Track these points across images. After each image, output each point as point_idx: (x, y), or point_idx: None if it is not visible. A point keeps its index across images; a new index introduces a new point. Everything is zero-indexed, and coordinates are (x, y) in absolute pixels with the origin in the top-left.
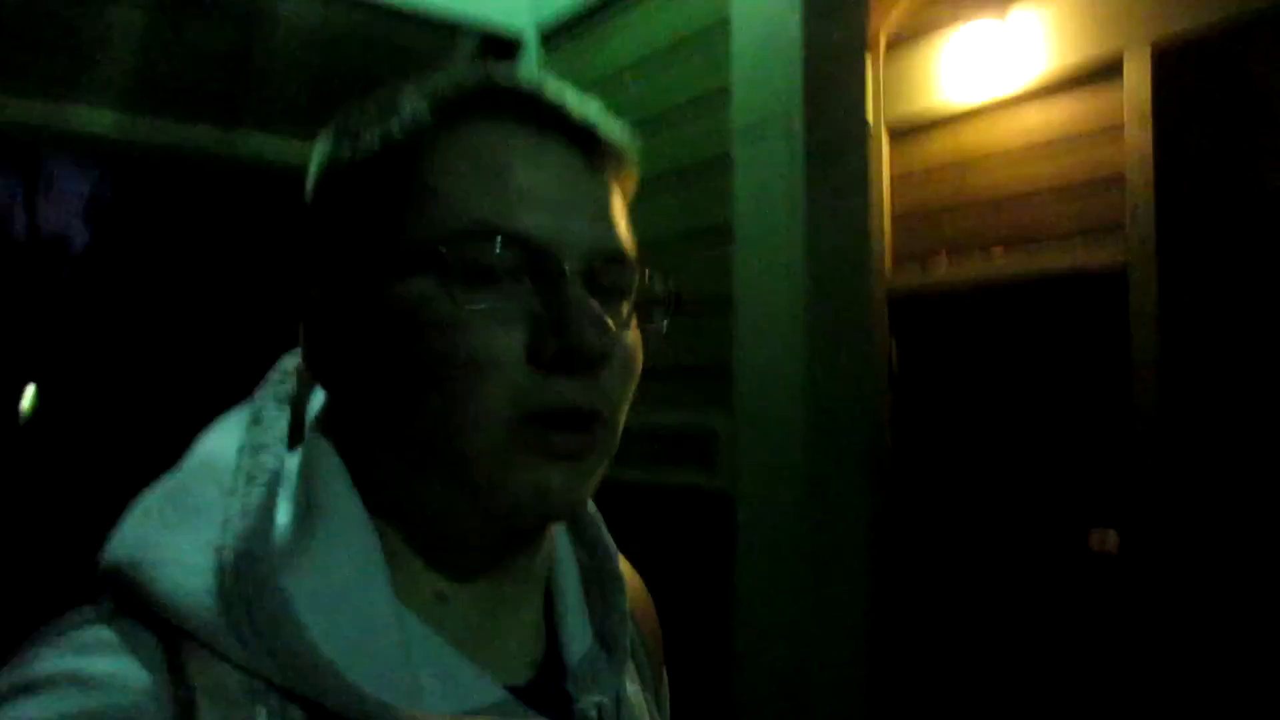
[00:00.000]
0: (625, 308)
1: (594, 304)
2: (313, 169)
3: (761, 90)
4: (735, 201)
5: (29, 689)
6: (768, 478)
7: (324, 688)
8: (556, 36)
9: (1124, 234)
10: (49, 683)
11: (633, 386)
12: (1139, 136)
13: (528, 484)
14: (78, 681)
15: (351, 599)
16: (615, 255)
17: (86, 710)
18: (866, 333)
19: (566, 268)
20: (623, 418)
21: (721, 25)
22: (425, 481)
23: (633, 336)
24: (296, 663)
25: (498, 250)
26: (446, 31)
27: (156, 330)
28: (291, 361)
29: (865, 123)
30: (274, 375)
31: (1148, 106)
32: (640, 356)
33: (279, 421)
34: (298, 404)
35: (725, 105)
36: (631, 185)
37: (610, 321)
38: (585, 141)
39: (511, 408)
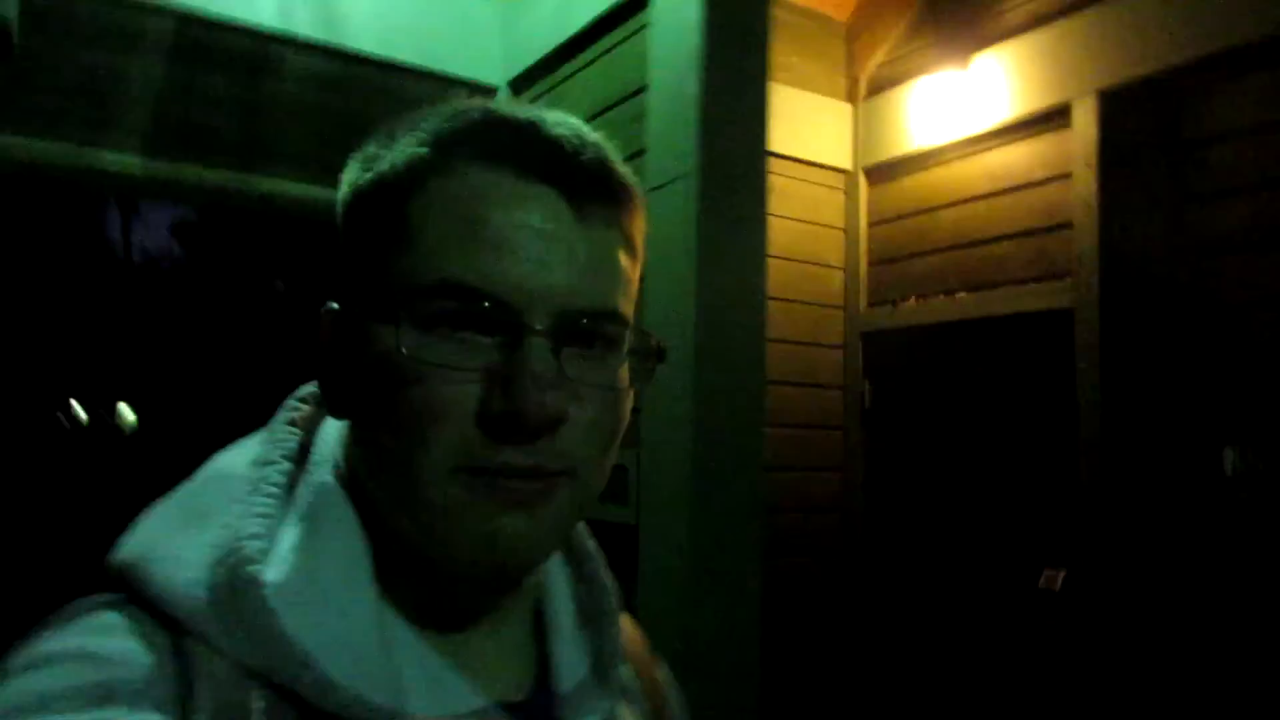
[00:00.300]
0: (610, 360)
1: (551, 365)
2: (338, 195)
3: (668, 152)
4: (646, 257)
5: (39, 664)
6: (663, 509)
7: (298, 677)
8: (522, 91)
9: (1072, 278)
10: (59, 658)
11: (610, 440)
12: (1086, 182)
13: (480, 533)
14: (86, 657)
15: (335, 598)
16: (595, 310)
17: (95, 682)
18: (758, 377)
19: (531, 325)
20: (599, 470)
21: (642, 90)
22: (397, 517)
23: (613, 390)
24: (273, 651)
25: (463, 306)
26: (437, 82)
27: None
28: (309, 388)
29: (764, 182)
30: (291, 400)
31: (1094, 153)
32: (623, 409)
33: (289, 441)
34: (311, 426)
35: (643, 165)
36: (637, 224)
37: (581, 380)
38: (576, 187)
39: (457, 464)
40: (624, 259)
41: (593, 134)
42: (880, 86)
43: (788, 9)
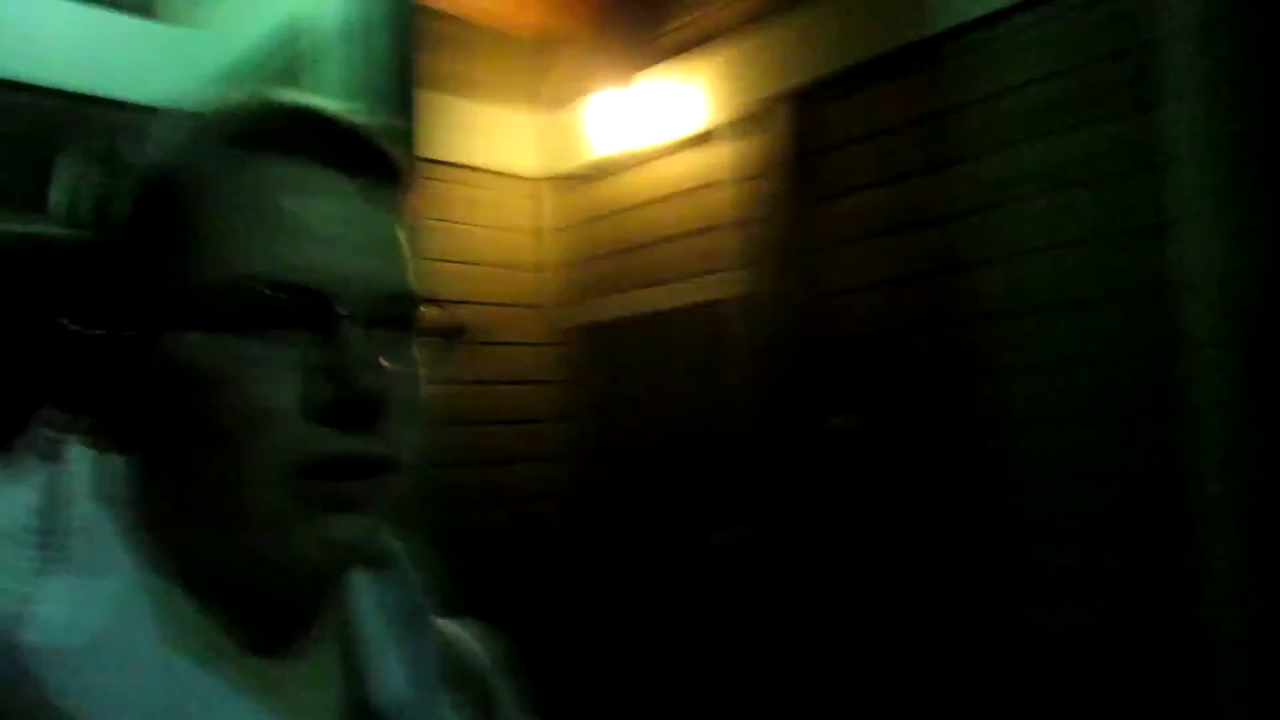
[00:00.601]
0: (411, 341)
1: (373, 348)
2: (85, 199)
3: None
4: None
5: None
6: None
7: None
8: None
9: (726, 273)
10: None
11: (422, 426)
12: (735, 189)
13: (312, 537)
14: None
15: (112, 653)
16: (398, 292)
17: None
18: None
19: (342, 311)
20: (416, 455)
21: None
22: (208, 537)
23: (418, 372)
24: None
25: (269, 299)
26: (129, 110)
27: None
28: (52, 413)
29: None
30: (35, 429)
31: (741, 164)
32: (424, 391)
33: (38, 476)
34: (62, 457)
35: None
36: (409, 205)
37: (391, 363)
38: (364, 170)
39: (290, 461)
40: (407, 239)
41: (363, 115)
42: (563, 101)
43: (474, 28)
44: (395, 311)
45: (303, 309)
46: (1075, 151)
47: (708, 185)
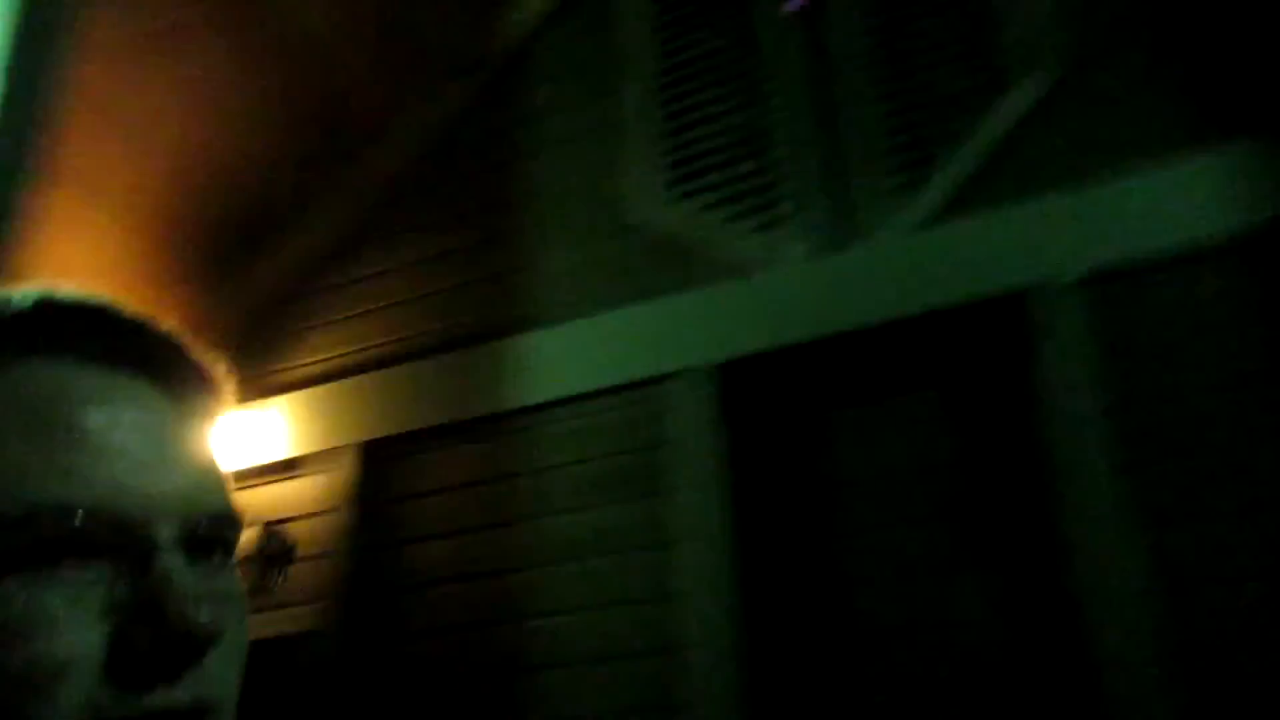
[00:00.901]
0: (231, 567)
1: (192, 579)
2: None
3: None
4: None
5: None
6: None
7: None
8: None
9: (322, 603)
10: None
11: (243, 661)
12: (346, 517)
13: None
14: None
15: None
16: (215, 513)
17: None
18: None
19: (158, 538)
20: (233, 700)
21: None
22: None
23: (242, 602)
24: None
25: (64, 534)
26: None
27: None
28: None
29: None
30: None
31: (353, 493)
32: (246, 622)
33: None
34: None
35: None
36: (219, 411)
37: (214, 594)
38: (171, 377)
39: None
40: (216, 446)
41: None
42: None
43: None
44: (214, 535)
45: (111, 538)
46: (602, 525)
47: (319, 511)
